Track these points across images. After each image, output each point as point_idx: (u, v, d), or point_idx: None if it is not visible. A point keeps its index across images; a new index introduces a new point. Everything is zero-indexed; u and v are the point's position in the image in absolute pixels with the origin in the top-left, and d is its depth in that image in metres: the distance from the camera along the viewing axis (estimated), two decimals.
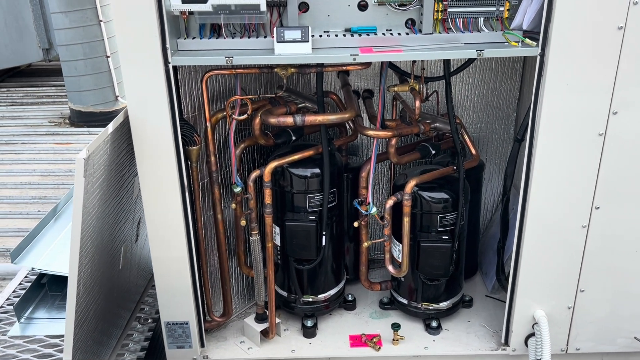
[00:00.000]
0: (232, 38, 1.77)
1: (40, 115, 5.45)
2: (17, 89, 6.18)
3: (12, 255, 2.51)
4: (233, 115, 1.91)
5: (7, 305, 2.45)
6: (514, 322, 2.05)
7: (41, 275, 2.51)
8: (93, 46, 4.93)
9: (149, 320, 2.32)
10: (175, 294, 2.00)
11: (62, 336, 2.21)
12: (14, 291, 2.55)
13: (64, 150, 4.70)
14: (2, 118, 5.40)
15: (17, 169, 4.37)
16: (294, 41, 1.70)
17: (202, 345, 2.11)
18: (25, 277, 2.63)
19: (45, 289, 2.49)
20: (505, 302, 2.09)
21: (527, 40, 1.69)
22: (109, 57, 5.00)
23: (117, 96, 5.15)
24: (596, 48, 1.67)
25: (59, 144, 4.84)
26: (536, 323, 2.02)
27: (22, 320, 2.34)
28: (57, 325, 2.33)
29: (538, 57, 1.70)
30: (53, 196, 3.96)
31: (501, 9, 1.76)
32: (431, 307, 2.22)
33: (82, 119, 5.15)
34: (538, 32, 1.70)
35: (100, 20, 4.87)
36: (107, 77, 5.07)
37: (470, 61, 2.03)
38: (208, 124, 1.92)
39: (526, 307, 2.02)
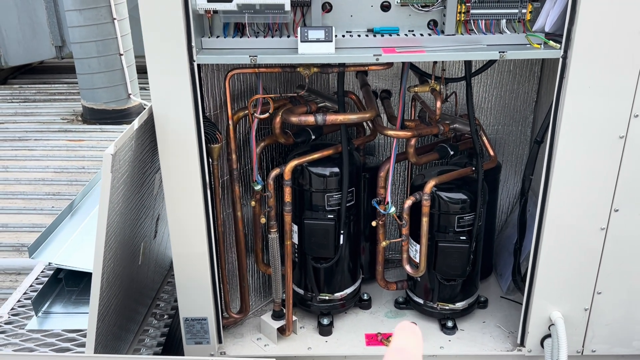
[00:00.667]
0: (256, 37, 1.78)
1: (52, 112, 5.48)
2: (29, 85, 6.22)
3: (30, 250, 2.53)
4: (255, 114, 1.93)
5: (25, 299, 2.47)
6: (530, 323, 2.06)
7: (58, 270, 2.53)
8: (106, 44, 4.96)
9: (165, 317, 2.34)
10: (194, 290, 2.02)
11: (79, 330, 2.25)
12: (30, 285, 2.57)
13: (77, 147, 4.73)
14: (15, 115, 5.43)
15: (31, 165, 4.40)
16: (318, 41, 1.72)
17: (220, 341, 2.12)
18: (42, 271, 2.65)
19: (62, 284, 2.52)
20: (520, 304, 2.10)
21: (551, 43, 1.70)
22: (122, 55, 5.03)
23: (130, 94, 5.18)
24: (618, 51, 1.68)
25: (71, 140, 4.87)
26: (553, 324, 2.03)
27: (40, 314, 2.36)
28: (74, 319, 2.35)
29: (560, 60, 1.71)
30: (66, 192, 3.99)
31: (523, 11, 1.77)
32: (447, 307, 2.23)
33: (95, 116, 5.18)
34: (560, 35, 1.71)
35: (114, 19, 4.90)
36: (120, 75, 5.10)
37: (491, 62, 2.04)
38: (230, 122, 1.94)
39: (543, 308, 2.03)
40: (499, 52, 1.72)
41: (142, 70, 5.43)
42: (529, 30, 1.78)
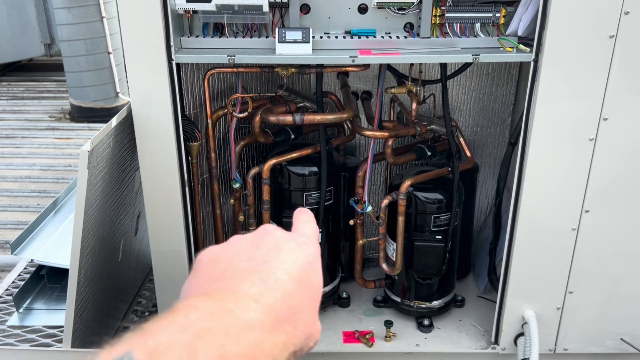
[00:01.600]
0: (235, 37, 1.81)
1: (40, 110, 5.49)
2: (17, 83, 6.22)
3: (12, 246, 2.54)
4: (234, 113, 1.96)
5: (6, 295, 2.48)
6: (504, 322, 2.10)
7: (40, 267, 2.54)
8: (95, 42, 4.97)
9: (146, 314, 2.36)
10: (173, 287, 2.03)
11: (61, 327, 2.25)
12: (13, 282, 2.58)
13: (64, 145, 4.74)
14: (2, 112, 5.43)
15: (17, 162, 4.41)
16: (295, 42, 1.74)
17: None
18: (25, 268, 2.66)
19: (44, 280, 2.53)
20: (496, 303, 2.14)
21: (521, 47, 1.74)
22: (110, 53, 5.04)
23: (118, 92, 5.20)
24: (588, 55, 1.72)
25: (59, 138, 4.87)
26: (526, 323, 2.06)
27: (21, 310, 2.37)
28: (55, 316, 2.36)
29: (532, 63, 1.75)
30: (52, 190, 4.00)
31: (497, 15, 1.81)
32: (423, 306, 2.27)
33: (83, 115, 5.19)
34: (532, 39, 1.75)
35: (103, 17, 4.91)
36: (109, 74, 5.11)
37: (466, 65, 2.08)
38: (209, 121, 1.97)
39: (516, 307, 2.07)
40: (473, 55, 1.76)
41: None
42: (502, 34, 1.82)
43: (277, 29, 1.74)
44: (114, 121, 1.73)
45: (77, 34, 4.89)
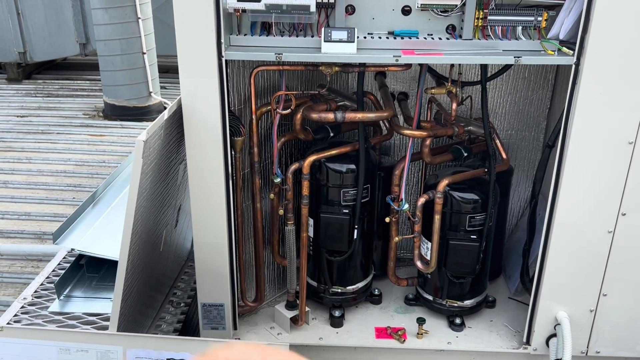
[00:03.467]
0: (281, 36, 1.87)
1: (75, 107, 5.62)
2: (52, 81, 6.37)
3: (54, 235, 2.63)
4: (277, 110, 2.02)
5: (47, 283, 2.56)
6: (537, 322, 2.12)
7: (80, 257, 2.62)
8: (130, 42, 5.08)
9: (182, 304, 2.42)
10: (213, 277, 2.10)
11: (99, 314, 2.33)
12: (53, 270, 2.67)
13: (98, 142, 4.85)
14: (38, 108, 5.57)
15: (53, 157, 4.52)
16: (340, 41, 1.80)
17: (235, 327, 2.20)
18: (64, 257, 2.75)
19: (83, 269, 2.61)
20: (527, 305, 2.16)
21: (564, 49, 1.77)
22: (144, 54, 5.15)
23: (151, 92, 5.30)
24: (630, 58, 1.74)
25: (92, 135, 4.99)
26: (558, 324, 2.08)
27: (62, 297, 2.45)
28: (94, 304, 2.44)
29: (573, 66, 1.78)
30: (87, 184, 4.10)
31: (539, 18, 1.84)
32: (455, 305, 2.29)
33: (116, 113, 5.30)
34: (573, 43, 1.78)
35: (139, 18, 5.02)
36: (142, 73, 5.22)
37: (506, 67, 2.11)
38: (253, 117, 2.02)
39: (549, 308, 2.09)
40: (514, 57, 1.79)
41: (163, 70, 5.57)
42: (543, 37, 1.85)
43: (323, 29, 1.79)
44: (165, 114, 1.80)
45: (113, 34, 5.01)
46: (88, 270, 2.61)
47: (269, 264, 2.41)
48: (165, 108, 3.70)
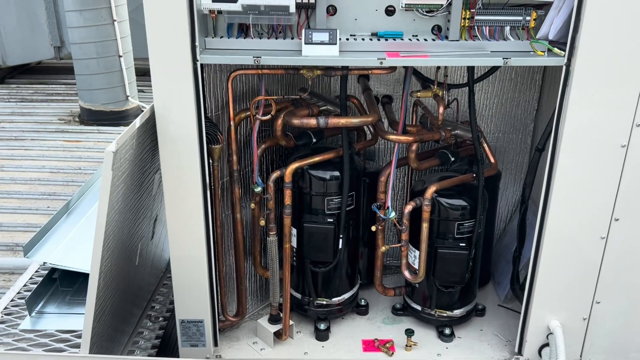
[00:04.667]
0: (260, 38, 1.78)
1: (50, 113, 5.46)
2: (27, 85, 6.20)
3: (25, 249, 2.51)
4: (257, 115, 1.93)
5: (18, 299, 2.44)
6: (529, 332, 2.05)
7: (53, 270, 2.51)
8: (106, 45, 4.95)
9: (160, 319, 2.32)
10: (191, 292, 2.00)
11: (73, 331, 2.22)
12: (24, 285, 2.55)
13: (74, 148, 4.71)
14: (12, 114, 5.41)
15: (27, 164, 4.37)
16: (322, 43, 1.72)
17: (216, 344, 2.10)
18: (36, 271, 2.63)
19: (57, 284, 2.49)
20: (518, 312, 2.10)
21: (556, 50, 1.70)
22: (121, 56, 5.02)
23: (128, 96, 5.17)
24: (622, 59, 1.68)
25: (68, 141, 4.84)
26: (551, 333, 2.02)
27: (33, 314, 2.34)
28: (67, 320, 2.33)
29: (564, 67, 1.72)
30: (62, 193, 3.96)
31: (528, 18, 1.77)
32: (445, 315, 2.22)
33: (92, 118, 5.16)
34: (563, 43, 1.72)
35: (114, 20, 4.89)
36: (119, 77, 5.09)
37: (494, 69, 2.04)
38: (232, 123, 1.93)
39: (541, 317, 2.02)
40: (503, 58, 1.72)
41: (140, 73, 5.44)
42: (532, 38, 1.78)
43: (303, 30, 1.71)
44: (137, 122, 1.70)
45: (88, 37, 4.87)
46: (62, 284, 2.50)
47: (250, 276, 2.32)
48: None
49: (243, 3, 1.70)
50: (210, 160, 1.92)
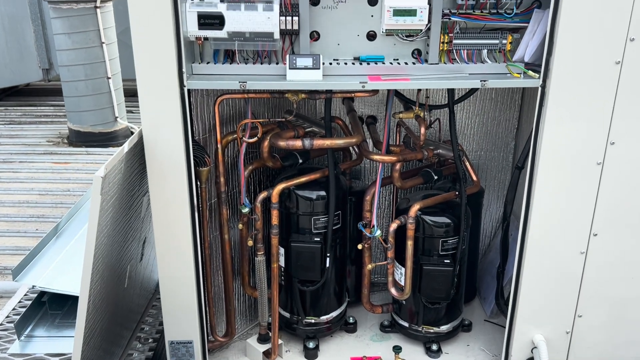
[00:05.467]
0: (245, 64, 1.83)
1: (38, 135, 5.46)
2: (15, 108, 6.21)
3: (14, 272, 2.51)
4: (244, 138, 1.97)
5: (7, 322, 2.45)
6: (514, 347, 2.09)
7: (42, 294, 2.51)
8: (94, 67, 4.98)
9: (150, 340, 2.33)
10: (180, 313, 2.02)
11: (63, 355, 2.23)
12: (13, 309, 2.55)
13: (62, 170, 4.71)
14: (0, 137, 5.41)
15: (15, 187, 4.37)
16: (306, 68, 1.76)
17: None
18: (25, 295, 2.63)
19: (46, 307, 2.50)
20: (503, 327, 2.13)
21: (530, 72, 1.76)
22: (109, 78, 5.05)
23: (117, 117, 5.20)
24: (595, 81, 1.75)
25: (57, 163, 4.85)
26: (535, 347, 2.06)
27: (22, 338, 2.34)
28: (57, 343, 2.34)
29: (539, 89, 1.78)
30: (51, 215, 3.96)
31: (504, 41, 1.84)
32: (432, 331, 2.25)
33: (81, 139, 5.18)
34: (539, 65, 1.78)
35: (103, 43, 4.93)
36: (107, 98, 5.12)
37: (473, 91, 2.10)
38: (219, 146, 1.97)
39: (525, 332, 2.06)
40: (481, 80, 1.78)
41: (129, 94, 5.47)
42: (509, 60, 1.85)
43: (287, 56, 1.76)
44: (126, 146, 1.73)
45: (76, 59, 4.90)
46: (51, 307, 2.51)
47: (239, 296, 2.34)
48: (132, 133, 3.57)
49: (229, 30, 1.75)
50: (198, 183, 1.95)
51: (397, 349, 2.19)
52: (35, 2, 5.93)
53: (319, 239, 2.10)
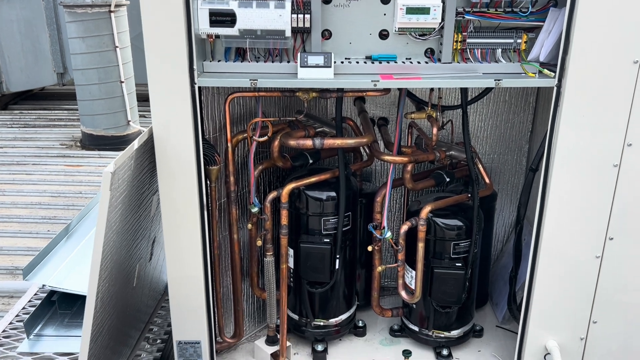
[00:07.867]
0: (257, 62, 1.82)
1: (52, 138, 5.52)
2: (29, 111, 6.28)
3: (24, 272, 2.52)
4: (254, 137, 1.95)
5: (17, 321, 2.45)
6: (526, 352, 2.05)
7: (51, 293, 2.51)
8: (108, 71, 5.03)
9: (158, 341, 2.32)
10: (188, 313, 2.00)
11: (71, 354, 2.23)
12: (23, 308, 2.55)
13: (75, 172, 4.74)
14: (14, 139, 5.46)
15: (28, 189, 4.40)
16: (317, 66, 1.75)
17: None
18: (35, 294, 2.63)
19: (55, 306, 2.50)
20: (516, 333, 2.09)
21: (546, 71, 1.74)
22: (122, 82, 5.09)
23: (129, 121, 5.23)
24: (612, 80, 1.71)
25: (69, 165, 4.88)
26: (548, 353, 2.01)
27: (31, 336, 2.34)
28: (66, 342, 2.33)
29: (555, 88, 1.75)
30: (63, 217, 3.98)
31: (519, 40, 1.81)
32: (442, 335, 2.22)
33: (94, 142, 5.21)
34: (554, 65, 1.75)
35: (116, 47, 4.98)
36: (120, 102, 5.15)
37: (487, 91, 2.07)
38: (229, 145, 1.96)
39: (538, 337, 2.02)
40: (495, 80, 1.76)
41: (142, 98, 5.51)
42: (524, 60, 1.82)
43: (299, 54, 1.75)
44: (135, 143, 1.73)
45: (90, 63, 4.95)
46: (61, 307, 2.50)
47: (247, 297, 2.32)
48: None
49: (240, 28, 1.74)
50: (208, 182, 1.94)
51: (407, 354, 2.15)
52: (50, 7, 6.01)
53: (328, 240, 2.08)
